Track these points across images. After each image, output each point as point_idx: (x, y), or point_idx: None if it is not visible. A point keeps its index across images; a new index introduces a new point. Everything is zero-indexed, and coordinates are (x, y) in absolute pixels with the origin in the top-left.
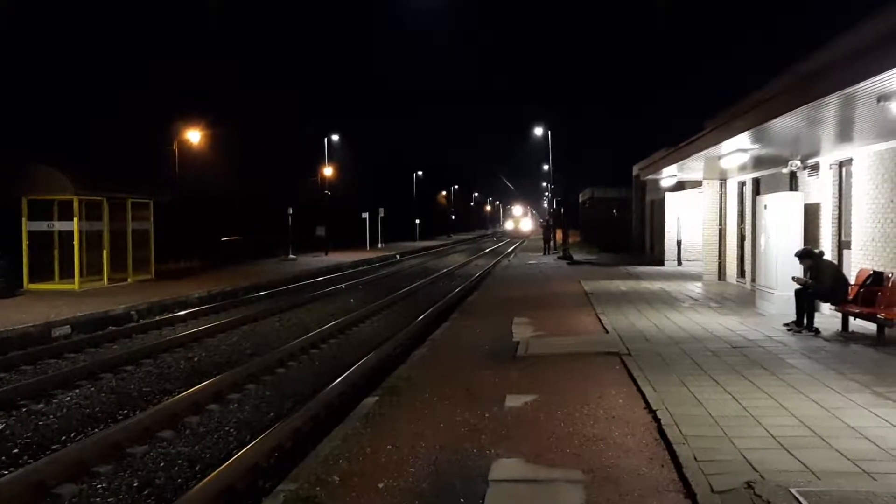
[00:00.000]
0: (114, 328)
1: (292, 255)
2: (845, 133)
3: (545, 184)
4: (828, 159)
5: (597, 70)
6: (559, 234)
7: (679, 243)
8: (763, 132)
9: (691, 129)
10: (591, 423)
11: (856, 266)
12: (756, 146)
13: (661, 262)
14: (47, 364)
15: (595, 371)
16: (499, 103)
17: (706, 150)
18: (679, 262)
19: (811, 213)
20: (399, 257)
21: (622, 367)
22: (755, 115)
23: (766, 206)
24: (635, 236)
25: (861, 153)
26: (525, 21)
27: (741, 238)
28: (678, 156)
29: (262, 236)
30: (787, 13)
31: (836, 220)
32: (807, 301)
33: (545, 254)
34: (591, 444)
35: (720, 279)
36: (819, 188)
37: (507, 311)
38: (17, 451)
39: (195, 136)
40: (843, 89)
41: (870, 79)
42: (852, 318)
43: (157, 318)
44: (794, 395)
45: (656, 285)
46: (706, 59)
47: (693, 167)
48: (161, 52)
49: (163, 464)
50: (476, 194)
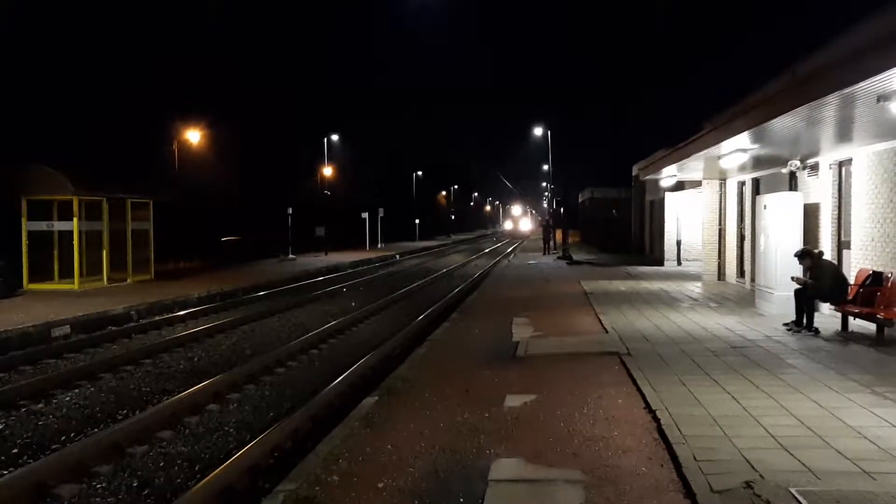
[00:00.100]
0: (113, 328)
1: (292, 256)
2: (845, 133)
3: (545, 184)
4: (827, 159)
5: (597, 70)
6: (559, 234)
7: (679, 243)
8: (763, 132)
9: (691, 129)
10: (591, 423)
11: (855, 266)
12: (756, 146)
13: (661, 263)
14: (47, 364)
15: (594, 371)
16: (499, 103)
17: (706, 150)
18: (679, 262)
19: (811, 213)
20: (399, 257)
21: (622, 367)
22: (755, 115)
23: (765, 206)
24: (635, 236)
25: (860, 153)
26: (525, 21)
27: (741, 238)
28: (678, 156)
29: (261, 236)
30: (787, 13)
31: (836, 220)
32: (806, 301)
33: (545, 254)
34: (590, 444)
35: (720, 279)
36: (818, 188)
37: (506, 311)
38: (16, 450)
39: (195, 135)
40: (843, 89)
41: (869, 78)
42: (852, 318)
43: (157, 318)
44: (793, 394)
45: (656, 285)
46: (706, 59)
47: (693, 167)
48: (161, 51)
49: (162, 464)
50: (476, 194)
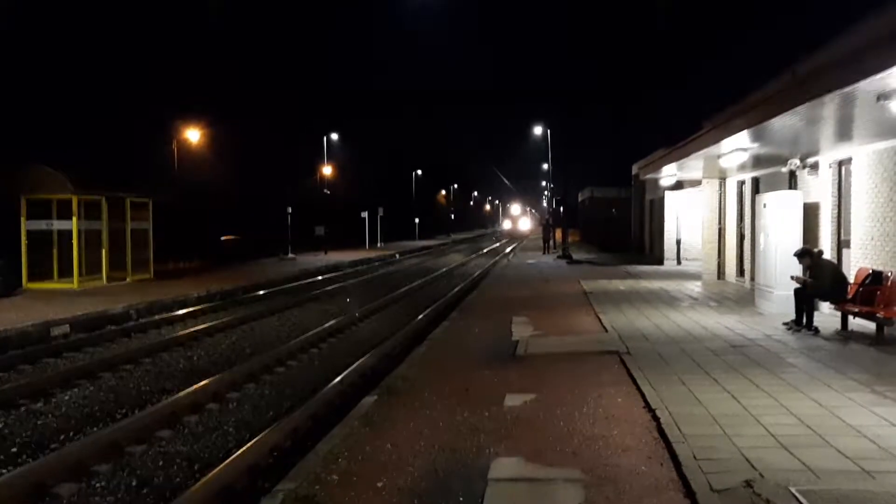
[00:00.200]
0: (113, 327)
1: (291, 255)
2: (845, 132)
3: (544, 183)
4: (827, 158)
5: (597, 70)
6: (558, 234)
7: (678, 242)
8: (763, 131)
9: (691, 129)
10: (591, 423)
11: (855, 265)
12: (756, 145)
13: (661, 262)
14: (46, 363)
15: (594, 370)
16: (499, 103)
17: (706, 149)
18: (678, 262)
19: (810, 212)
20: (398, 256)
21: (621, 367)
22: (755, 114)
23: (765, 205)
24: (635, 236)
25: (860, 152)
26: (525, 21)
27: (740, 237)
28: (678, 155)
29: (261, 235)
30: (787, 13)
31: (836, 219)
32: (806, 300)
33: (544, 253)
34: (590, 443)
35: (719, 278)
36: (818, 187)
37: (506, 310)
38: (15, 450)
39: (194, 135)
40: (843, 88)
41: (869, 77)
42: (851, 317)
43: (157, 317)
44: (793, 393)
45: (655, 284)
46: (706, 59)
47: (692, 166)
48: (161, 51)
49: (161, 463)
50: (475, 193)
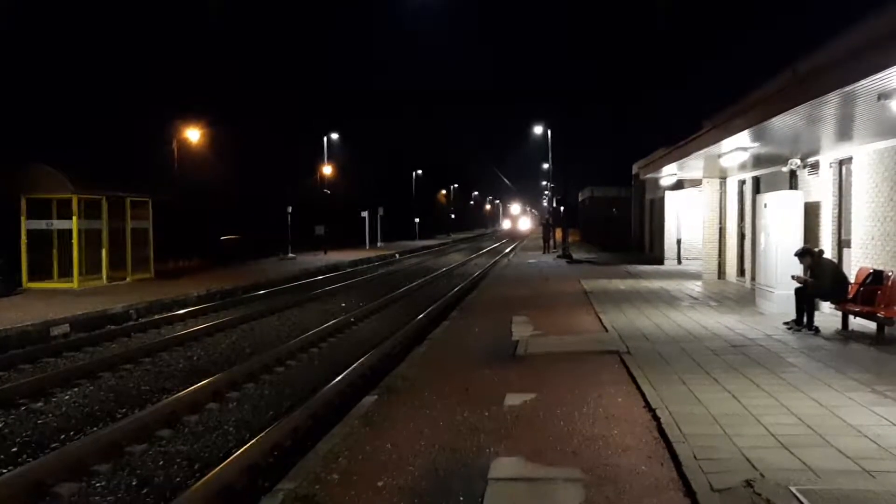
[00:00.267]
0: (113, 327)
1: (291, 254)
2: (845, 131)
3: (545, 182)
4: (828, 158)
5: (597, 70)
6: (559, 233)
7: (679, 242)
8: (763, 130)
9: (691, 129)
10: (591, 422)
11: (856, 264)
12: (756, 144)
13: (661, 261)
14: (46, 363)
15: (594, 370)
16: (499, 103)
17: (706, 149)
18: (679, 261)
19: (811, 212)
20: (398, 256)
21: (621, 366)
22: (755, 114)
23: (766, 205)
24: (635, 235)
25: (861, 151)
26: (525, 21)
27: (741, 237)
28: (678, 154)
29: (261, 235)
30: (787, 13)
31: (836, 219)
32: (807, 300)
33: (545, 253)
34: (590, 443)
35: (720, 278)
36: (819, 187)
37: (506, 309)
38: (16, 449)
39: (194, 134)
40: (844, 87)
41: (870, 77)
42: (852, 317)
43: (157, 316)
44: (793, 393)
45: (656, 284)
46: (706, 59)
47: (693, 166)
48: (161, 51)
49: (161, 462)
50: (476, 193)
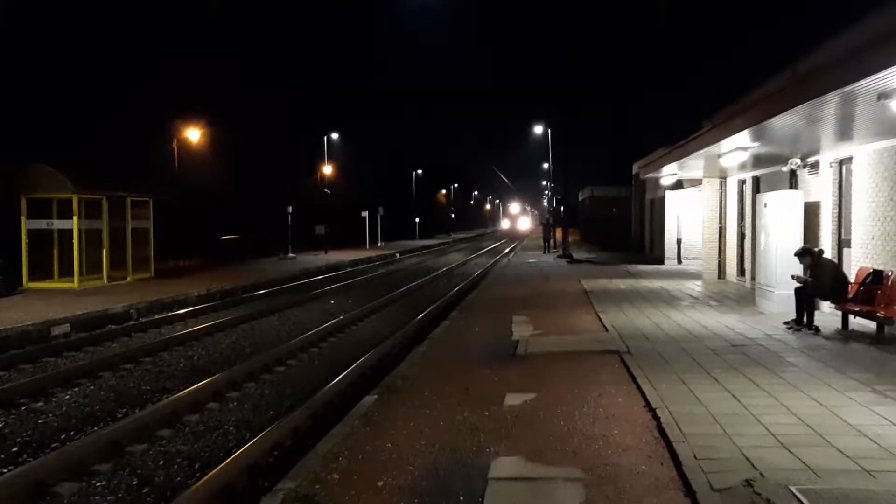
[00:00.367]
0: (113, 327)
1: (292, 254)
2: (845, 131)
3: (545, 182)
4: (828, 157)
5: (597, 70)
6: (559, 233)
7: (679, 242)
8: (763, 130)
9: (691, 129)
10: (591, 422)
11: (856, 264)
12: (756, 144)
13: (661, 261)
14: (46, 363)
15: (594, 369)
16: (499, 103)
17: (706, 149)
18: (679, 261)
19: (811, 212)
20: (398, 256)
21: (622, 366)
22: (755, 113)
23: (766, 205)
24: (635, 235)
25: (861, 151)
26: (525, 21)
27: (741, 236)
28: (678, 154)
29: (261, 235)
30: (787, 13)
31: (836, 219)
32: (807, 299)
33: (545, 252)
34: (590, 443)
35: (720, 277)
36: (819, 186)
37: (506, 309)
38: (16, 449)
39: (195, 134)
40: (844, 87)
41: (870, 76)
42: (852, 317)
43: (157, 316)
44: (793, 393)
45: (656, 284)
46: (706, 59)
47: (693, 165)
48: (161, 51)
49: (162, 462)
50: (476, 193)
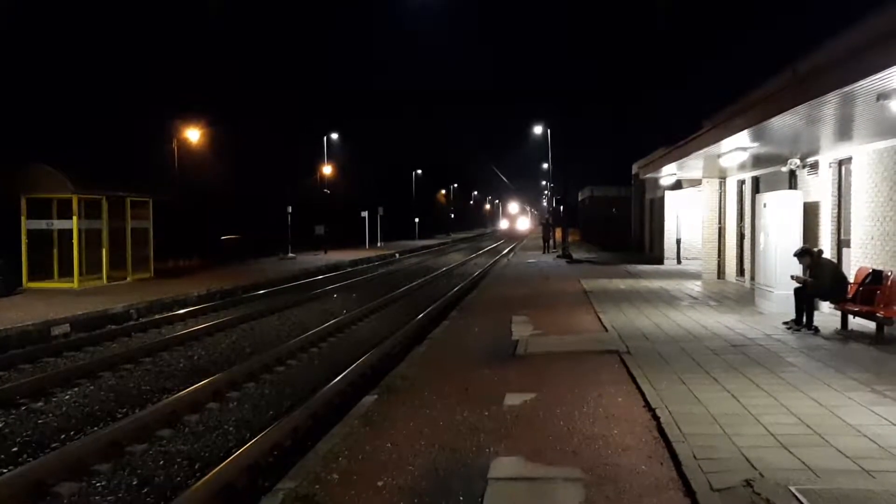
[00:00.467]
0: (113, 327)
1: (291, 254)
2: (845, 131)
3: (544, 182)
4: (827, 158)
5: (597, 70)
6: (558, 233)
7: (678, 242)
8: (763, 130)
9: (691, 129)
10: (590, 422)
11: (855, 264)
12: (756, 144)
13: (661, 261)
14: (46, 363)
15: (594, 369)
16: (499, 103)
17: (706, 149)
18: (678, 261)
19: (811, 212)
20: (398, 256)
21: (621, 366)
22: (755, 113)
23: (765, 205)
24: (635, 235)
25: (860, 151)
26: (525, 21)
27: (740, 236)
28: (678, 154)
29: (261, 235)
30: (787, 13)
31: (836, 219)
32: (806, 299)
33: (544, 252)
34: (590, 443)
35: (719, 278)
36: (818, 186)
37: (506, 309)
38: (16, 449)
39: (194, 134)
40: (843, 87)
41: (869, 77)
42: (851, 317)
43: (157, 316)
44: (793, 393)
45: (655, 284)
46: (706, 59)
47: (692, 165)
48: (161, 51)
49: (162, 462)
50: (475, 193)
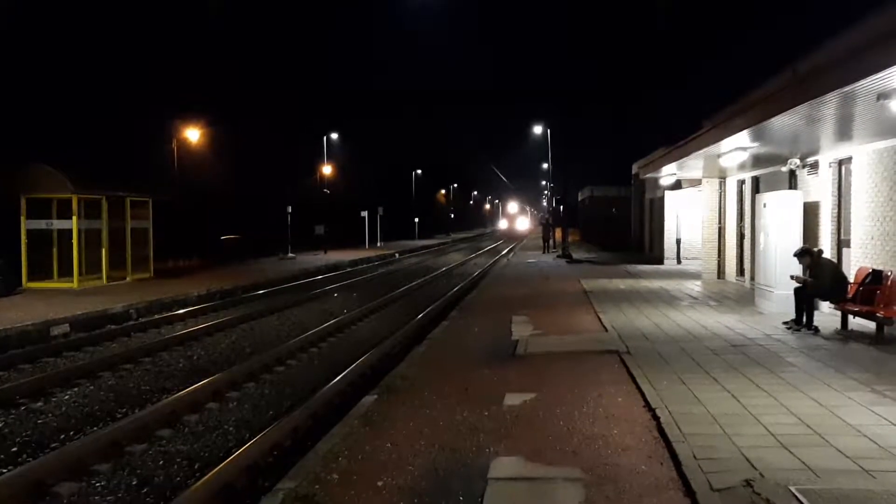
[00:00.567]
0: (113, 327)
1: (291, 254)
2: (845, 131)
3: (544, 182)
4: (827, 157)
5: (597, 70)
6: (558, 233)
7: (678, 242)
8: (762, 130)
9: (691, 129)
10: (590, 422)
11: (855, 264)
12: (755, 144)
13: (661, 261)
14: (46, 363)
15: (594, 369)
16: (499, 103)
17: (706, 149)
18: (678, 261)
19: (810, 212)
20: (398, 256)
21: (621, 366)
22: (755, 113)
23: (765, 205)
24: (635, 235)
25: (860, 151)
26: (525, 21)
27: (740, 236)
28: (678, 154)
29: (260, 235)
30: (787, 13)
31: (836, 219)
32: (806, 299)
33: (544, 252)
34: (590, 443)
35: (719, 278)
36: (818, 186)
37: (505, 309)
38: (16, 449)
39: (194, 134)
40: (843, 87)
41: (869, 77)
42: (851, 317)
43: (157, 316)
44: (793, 393)
45: (655, 284)
46: (706, 59)
47: (692, 165)
48: (161, 51)
49: (162, 462)
50: (475, 193)
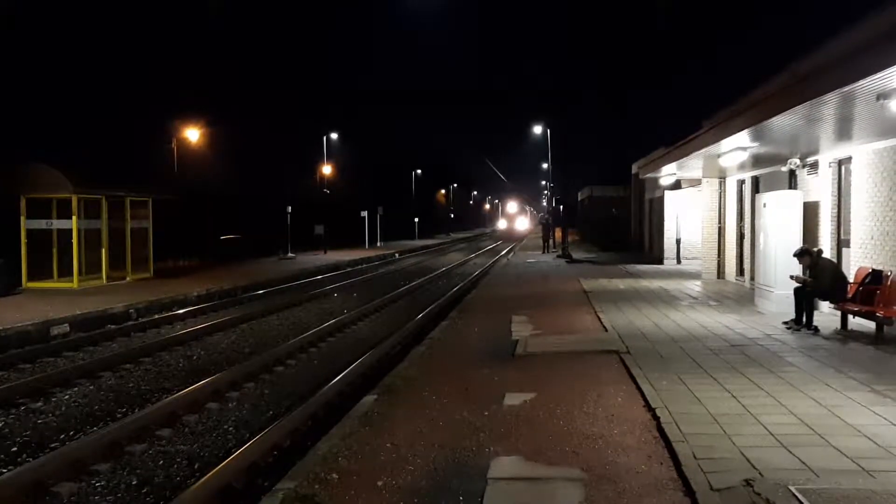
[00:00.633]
0: (112, 327)
1: (291, 254)
2: (844, 131)
3: (544, 182)
4: (827, 157)
5: (597, 70)
6: (558, 233)
7: (678, 242)
8: (762, 130)
9: (690, 129)
10: (590, 422)
11: (855, 264)
12: (755, 144)
13: (661, 261)
14: (46, 363)
15: (594, 369)
16: (498, 103)
17: (705, 149)
18: (678, 261)
19: (810, 212)
20: (398, 256)
21: (621, 366)
22: (754, 113)
23: (765, 205)
24: (634, 235)
25: (860, 151)
26: (525, 21)
27: (740, 236)
28: (677, 154)
29: (260, 235)
30: (786, 13)
31: (836, 219)
32: (806, 299)
33: (544, 252)
34: (589, 443)
35: (719, 277)
36: (818, 186)
37: (505, 309)
38: (15, 449)
39: (194, 134)
40: (843, 87)
41: (869, 77)
42: (851, 317)
43: (156, 316)
44: (793, 392)
45: (655, 284)
46: (706, 59)
47: (692, 165)
48: (161, 51)
49: (161, 462)
50: (475, 193)
